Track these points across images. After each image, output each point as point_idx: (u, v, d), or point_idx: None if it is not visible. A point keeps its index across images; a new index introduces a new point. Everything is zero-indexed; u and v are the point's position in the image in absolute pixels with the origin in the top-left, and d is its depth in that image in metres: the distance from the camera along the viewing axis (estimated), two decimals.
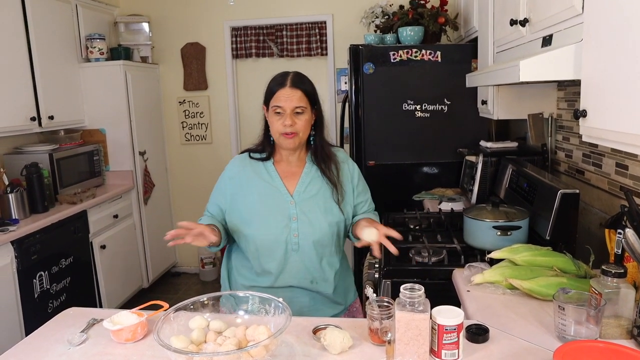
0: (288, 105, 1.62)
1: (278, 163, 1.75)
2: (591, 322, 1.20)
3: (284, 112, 1.63)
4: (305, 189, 1.70)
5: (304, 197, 1.69)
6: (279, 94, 1.64)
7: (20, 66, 3.20)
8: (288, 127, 1.62)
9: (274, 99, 1.65)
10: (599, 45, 1.31)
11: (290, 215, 1.66)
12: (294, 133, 1.64)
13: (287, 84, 1.64)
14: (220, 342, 1.16)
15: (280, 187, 1.70)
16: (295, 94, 1.63)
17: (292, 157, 1.74)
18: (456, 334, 1.11)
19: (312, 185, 1.71)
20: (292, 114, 1.63)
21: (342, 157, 1.79)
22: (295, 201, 1.68)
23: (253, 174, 1.72)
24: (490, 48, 2.48)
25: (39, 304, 2.94)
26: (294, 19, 4.23)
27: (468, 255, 1.93)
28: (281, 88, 1.64)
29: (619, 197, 1.88)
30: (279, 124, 1.64)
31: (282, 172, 1.73)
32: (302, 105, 1.64)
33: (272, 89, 1.67)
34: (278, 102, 1.63)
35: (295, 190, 1.70)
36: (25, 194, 3.00)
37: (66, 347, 1.30)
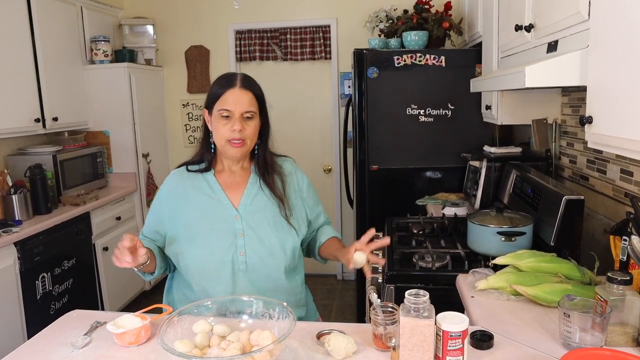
0: (237, 109, 1.47)
1: (219, 174, 1.59)
2: (596, 329, 1.20)
3: (232, 116, 1.47)
4: (251, 201, 1.56)
5: (250, 211, 1.54)
6: (228, 95, 1.48)
7: (25, 68, 3.21)
8: (237, 132, 1.47)
9: (220, 100, 1.49)
10: (605, 52, 1.31)
11: (236, 231, 1.50)
12: (242, 140, 1.49)
13: (237, 85, 1.50)
14: (224, 346, 1.15)
15: (223, 199, 1.54)
16: (246, 96, 1.49)
17: (236, 166, 1.59)
18: (461, 341, 1.11)
19: (258, 197, 1.57)
20: (241, 119, 1.48)
21: (289, 168, 1.65)
22: (241, 215, 1.52)
23: (192, 188, 1.56)
24: (495, 53, 2.48)
25: (42, 306, 2.94)
26: (298, 22, 4.24)
27: (472, 261, 1.92)
28: (230, 89, 1.49)
29: (623, 204, 1.88)
30: (225, 129, 1.48)
31: (225, 184, 1.57)
32: (252, 110, 1.50)
33: (217, 91, 1.50)
34: (226, 104, 1.47)
35: (240, 203, 1.54)
36: (28, 195, 3.01)
37: (69, 350, 1.30)
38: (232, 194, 1.57)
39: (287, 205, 1.58)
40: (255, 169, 1.61)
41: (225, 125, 1.48)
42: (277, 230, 1.54)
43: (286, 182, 1.62)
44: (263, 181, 1.59)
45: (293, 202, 1.60)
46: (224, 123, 1.49)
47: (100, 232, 3.53)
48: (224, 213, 1.53)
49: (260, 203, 1.56)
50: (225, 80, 1.52)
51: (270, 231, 1.53)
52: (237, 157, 1.55)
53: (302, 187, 1.66)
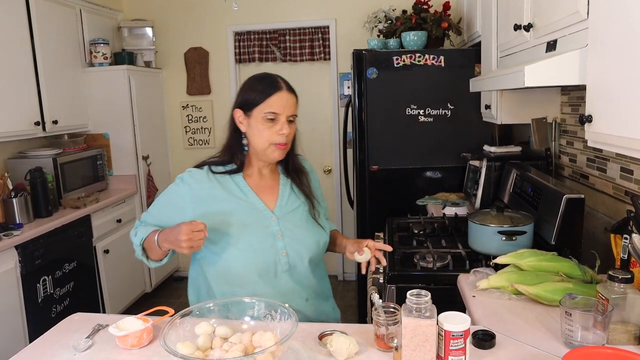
0: (285, 112, 1.46)
1: (249, 177, 1.56)
2: (598, 328, 1.20)
3: (278, 120, 1.46)
4: (286, 202, 1.56)
5: (286, 212, 1.55)
6: (275, 98, 1.46)
7: (25, 71, 3.21)
8: (284, 136, 1.46)
9: (266, 103, 1.45)
10: (604, 51, 1.31)
11: (275, 233, 1.50)
12: (286, 144, 1.49)
13: (284, 88, 1.48)
14: (227, 348, 1.15)
15: (257, 202, 1.53)
16: (292, 99, 1.49)
17: (266, 169, 1.58)
18: (463, 340, 1.11)
19: (292, 198, 1.58)
20: (286, 122, 1.47)
21: (307, 166, 1.69)
22: (278, 217, 1.52)
23: (221, 191, 1.52)
24: (494, 53, 2.48)
25: (43, 309, 2.94)
26: (297, 23, 4.25)
27: (473, 261, 1.92)
28: (278, 91, 1.46)
29: (623, 202, 1.88)
30: (271, 132, 1.46)
31: (256, 187, 1.55)
32: (296, 114, 1.50)
33: (262, 94, 1.46)
34: (273, 107, 1.45)
35: (276, 205, 1.55)
36: (29, 198, 3.01)
37: (72, 353, 1.30)
38: (266, 196, 1.56)
39: (315, 204, 1.62)
40: (283, 170, 1.62)
41: (271, 128, 1.46)
42: (311, 229, 1.57)
43: (310, 180, 1.66)
44: (294, 182, 1.61)
45: (318, 200, 1.65)
46: (269, 126, 1.46)
47: (101, 234, 3.53)
48: (259, 216, 1.52)
49: (294, 204, 1.58)
50: (270, 84, 1.49)
51: (306, 230, 1.55)
52: (277, 160, 1.55)
53: (317, 185, 1.71)
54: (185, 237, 1.31)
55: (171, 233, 1.37)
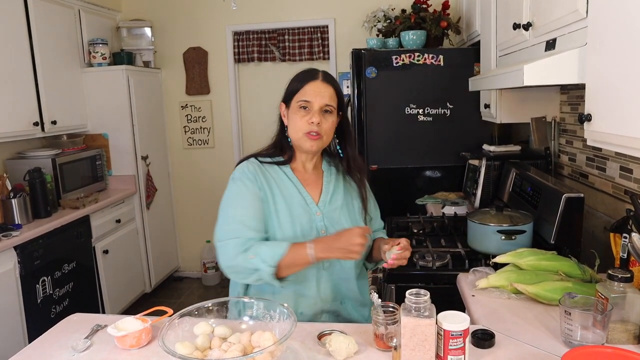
0: (317, 101, 1.45)
1: (295, 170, 1.56)
2: (598, 327, 1.20)
3: (311, 109, 1.45)
4: (330, 199, 1.55)
5: (330, 208, 1.53)
6: (309, 87, 1.46)
7: (23, 71, 3.20)
8: (315, 125, 1.44)
9: (300, 92, 1.47)
10: (603, 49, 1.31)
11: (319, 228, 1.49)
12: (319, 134, 1.46)
13: (319, 78, 1.48)
14: (225, 348, 1.15)
15: (305, 195, 1.52)
16: (327, 90, 1.47)
17: (310, 163, 1.57)
18: (462, 340, 1.11)
19: (336, 195, 1.56)
20: (320, 112, 1.45)
21: None
22: (322, 212, 1.51)
23: (273, 180, 1.51)
24: (493, 52, 2.48)
25: (42, 309, 2.93)
26: (296, 23, 4.24)
27: (472, 260, 1.92)
28: (312, 81, 1.47)
29: (623, 201, 1.88)
30: (303, 121, 1.45)
31: (302, 180, 1.54)
32: (332, 105, 1.47)
33: (298, 84, 1.48)
34: (306, 95, 1.45)
35: (320, 200, 1.53)
36: (28, 199, 3.00)
37: (70, 354, 1.30)
38: (311, 190, 1.54)
39: (367, 207, 1.60)
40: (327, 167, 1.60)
41: (303, 117, 1.46)
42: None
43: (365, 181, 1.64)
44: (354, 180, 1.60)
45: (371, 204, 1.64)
46: (302, 115, 1.46)
47: (100, 235, 3.53)
48: (306, 208, 1.51)
49: (337, 201, 1.56)
50: (307, 74, 1.51)
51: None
52: (312, 151, 1.52)
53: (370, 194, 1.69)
54: (362, 240, 1.32)
55: (338, 240, 1.36)
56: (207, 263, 4.49)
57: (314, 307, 1.51)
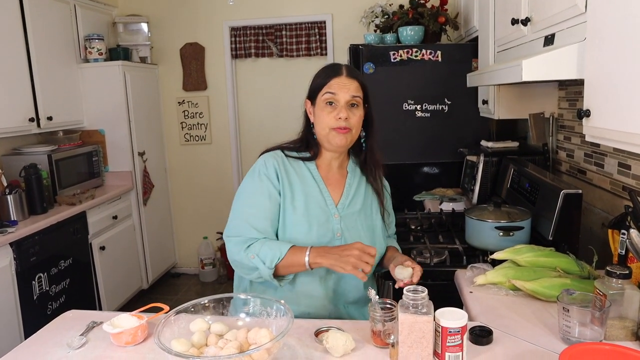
0: (343, 95, 1.43)
1: (319, 167, 1.54)
2: (596, 323, 1.19)
3: (337, 104, 1.44)
4: (350, 201, 1.53)
5: (349, 212, 1.51)
6: (333, 82, 1.45)
7: (19, 67, 3.18)
8: (342, 120, 1.42)
9: (325, 88, 1.45)
10: (602, 44, 1.30)
11: (335, 231, 1.48)
12: (347, 128, 1.44)
13: (343, 73, 1.46)
14: (222, 345, 1.14)
15: (326, 196, 1.50)
16: (352, 83, 1.45)
17: (336, 162, 1.55)
18: (460, 336, 1.10)
19: (356, 198, 1.54)
20: (346, 106, 1.44)
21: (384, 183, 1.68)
22: (340, 215, 1.50)
23: (295, 175, 1.50)
24: (491, 47, 2.47)
25: (38, 306, 2.92)
26: (294, 18, 4.22)
27: (470, 256, 1.92)
28: (336, 76, 1.46)
29: (621, 197, 1.87)
30: (330, 116, 1.44)
31: (325, 178, 1.52)
32: (359, 96, 1.46)
33: (323, 80, 1.47)
34: (332, 89, 1.44)
35: (339, 202, 1.51)
36: (24, 195, 2.99)
37: (66, 351, 1.29)
38: (332, 190, 1.53)
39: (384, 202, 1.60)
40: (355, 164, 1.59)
41: (330, 113, 1.44)
42: (371, 234, 1.54)
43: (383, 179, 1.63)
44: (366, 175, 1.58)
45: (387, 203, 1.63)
46: (329, 111, 1.45)
47: (97, 231, 3.51)
48: (325, 209, 1.49)
49: (356, 205, 1.54)
50: (331, 70, 1.49)
51: (365, 235, 1.51)
52: (341, 146, 1.48)
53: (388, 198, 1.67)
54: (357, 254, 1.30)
55: (334, 250, 1.35)
56: (205, 259, 4.48)
57: (319, 308, 1.50)
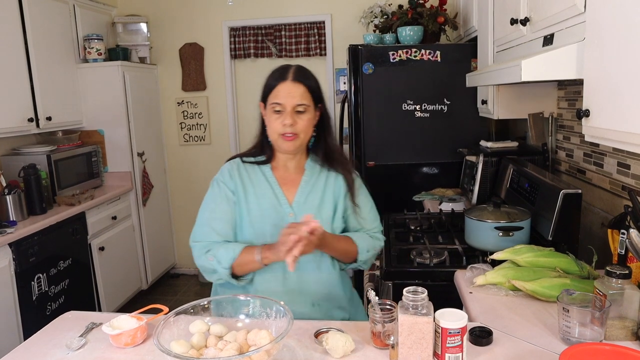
0: (289, 102, 1.45)
1: (275, 169, 1.58)
2: (596, 324, 1.19)
3: (283, 110, 1.46)
4: (305, 199, 1.54)
5: (304, 209, 1.52)
6: (279, 88, 1.47)
7: (18, 67, 3.18)
8: (288, 127, 1.45)
9: (272, 94, 1.48)
10: (602, 44, 1.30)
11: None
12: (295, 134, 1.47)
13: (289, 78, 1.47)
14: (221, 346, 1.14)
15: (279, 195, 1.53)
16: (298, 89, 1.46)
17: (291, 162, 1.57)
18: (460, 337, 1.10)
19: (313, 195, 1.55)
20: (292, 113, 1.46)
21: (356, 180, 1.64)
22: (295, 213, 1.51)
23: (249, 179, 1.55)
24: (490, 47, 2.47)
25: (37, 306, 2.92)
26: (293, 19, 4.22)
27: (469, 256, 1.91)
28: (281, 82, 1.47)
29: (620, 197, 1.87)
30: (277, 123, 1.47)
31: (280, 179, 1.56)
32: (305, 103, 1.47)
33: (271, 84, 1.49)
34: (277, 98, 1.46)
35: (294, 201, 1.53)
36: (23, 195, 2.98)
37: (65, 352, 1.28)
38: (287, 190, 1.55)
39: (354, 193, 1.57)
40: (312, 164, 1.59)
41: (277, 119, 1.47)
42: (331, 230, 1.53)
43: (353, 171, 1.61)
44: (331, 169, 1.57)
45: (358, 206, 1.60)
46: (276, 117, 1.47)
47: (96, 231, 3.51)
48: (278, 209, 1.53)
49: (314, 201, 1.54)
50: (278, 73, 1.50)
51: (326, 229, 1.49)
52: (289, 151, 1.52)
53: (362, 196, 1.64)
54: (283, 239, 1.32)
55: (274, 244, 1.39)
56: None
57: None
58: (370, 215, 1.65)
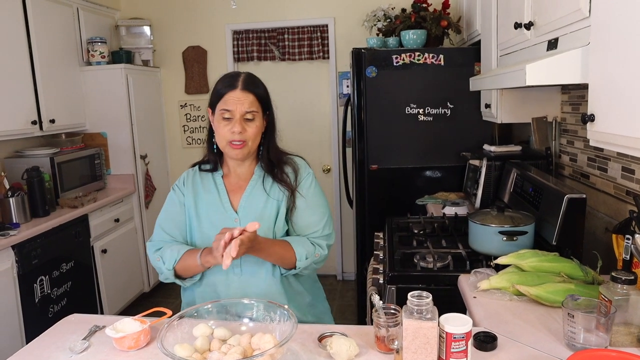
0: (238, 110, 1.46)
1: (226, 176, 1.61)
2: (601, 329, 1.18)
3: (232, 117, 1.47)
4: (249, 204, 1.55)
5: (249, 214, 1.54)
6: (229, 96, 1.47)
7: (22, 70, 3.19)
8: (237, 134, 1.46)
9: (222, 102, 1.48)
10: (607, 49, 1.29)
11: None
12: (243, 142, 1.48)
13: (238, 87, 1.48)
14: (225, 350, 1.14)
15: (225, 202, 1.56)
16: (247, 97, 1.47)
17: (241, 168, 1.59)
18: (464, 342, 1.10)
19: (256, 199, 1.55)
20: (241, 120, 1.47)
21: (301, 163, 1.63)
22: (240, 218, 1.54)
23: (200, 187, 1.60)
24: (494, 51, 2.46)
25: (40, 309, 2.92)
26: (296, 22, 4.23)
27: (473, 261, 1.91)
28: (231, 90, 1.47)
29: (625, 202, 1.87)
30: (226, 130, 1.47)
31: (230, 186, 1.59)
32: (254, 110, 1.48)
33: (220, 91, 1.49)
34: (226, 105, 1.47)
35: (239, 206, 1.55)
36: (26, 198, 2.99)
37: (68, 355, 1.28)
38: (234, 196, 1.58)
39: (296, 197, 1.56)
40: (260, 169, 1.59)
41: (226, 126, 1.48)
42: (276, 233, 1.54)
43: (299, 175, 1.59)
44: (270, 175, 1.56)
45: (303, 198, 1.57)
46: (225, 124, 1.48)
47: (99, 234, 3.51)
48: (224, 215, 1.55)
49: (258, 204, 1.55)
50: (228, 81, 1.51)
51: (268, 234, 1.52)
52: (238, 158, 1.54)
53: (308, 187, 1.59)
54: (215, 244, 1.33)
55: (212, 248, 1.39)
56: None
57: None
58: (312, 218, 1.58)
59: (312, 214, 1.58)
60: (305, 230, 1.58)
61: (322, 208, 1.60)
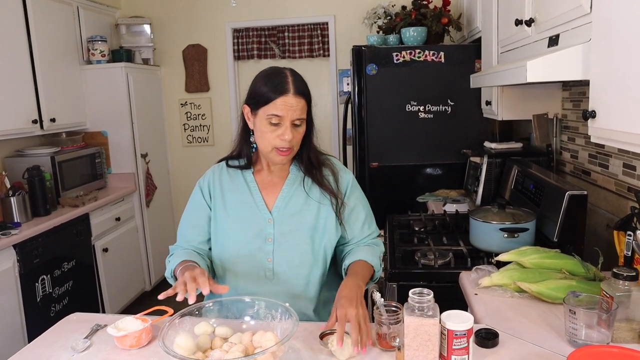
0: (289, 116, 1.36)
1: (258, 173, 1.52)
2: (603, 326, 1.18)
3: (281, 123, 1.37)
4: (286, 204, 1.47)
5: (285, 215, 1.46)
6: (280, 101, 1.35)
7: (22, 69, 3.19)
8: (287, 141, 1.38)
9: (271, 106, 1.36)
10: (608, 45, 1.29)
11: (266, 236, 1.45)
12: (290, 148, 1.41)
13: (291, 91, 1.36)
14: (227, 348, 1.14)
15: (258, 201, 1.48)
16: (299, 103, 1.38)
17: (275, 166, 1.51)
18: (466, 339, 1.09)
19: (294, 200, 1.48)
20: (291, 126, 1.38)
21: (338, 165, 1.56)
22: (274, 219, 1.46)
23: (228, 184, 1.52)
24: (495, 48, 2.46)
25: (42, 308, 2.92)
26: (296, 20, 4.22)
27: (474, 258, 1.91)
28: (284, 95, 1.36)
29: (626, 198, 1.86)
30: (274, 135, 1.38)
31: (262, 183, 1.50)
32: (303, 117, 1.41)
33: (268, 95, 1.36)
34: (276, 110, 1.36)
35: (274, 206, 1.47)
36: (27, 197, 2.99)
37: (70, 354, 1.28)
38: (269, 195, 1.50)
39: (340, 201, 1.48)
40: (296, 168, 1.52)
41: (274, 132, 1.38)
42: (314, 237, 1.47)
43: (339, 178, 1.52)
44: (311, 178, 1.49)
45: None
46: (273, 129, 1.38)
47: (100, 233, 3.52)
48: (257, 215, 1.48)
49: (296, 206, 1.48)
50: (278, 83, 1.37)
51: (306, 238, 1.46)
52: (283, 163, 1.48)
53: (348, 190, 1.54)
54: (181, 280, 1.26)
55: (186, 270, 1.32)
56: None
57: None
58: (364, 221, 1.56)
59: (363, 216, 1.55)
60: (360, 234, 1.55)
61: (367, 208, 1.59)
